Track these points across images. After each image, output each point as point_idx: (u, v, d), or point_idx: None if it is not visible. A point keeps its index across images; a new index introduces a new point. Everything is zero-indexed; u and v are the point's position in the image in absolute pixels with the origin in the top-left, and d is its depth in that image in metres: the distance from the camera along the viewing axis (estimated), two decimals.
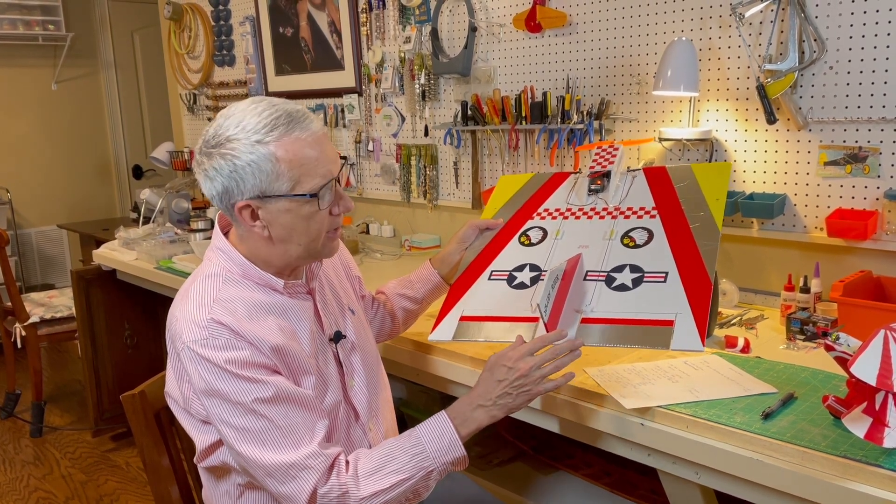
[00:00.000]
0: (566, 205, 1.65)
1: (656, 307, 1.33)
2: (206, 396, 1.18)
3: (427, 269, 1.65)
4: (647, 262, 1.43)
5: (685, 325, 1.28)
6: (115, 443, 3.34)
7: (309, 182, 1.20)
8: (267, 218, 1.21)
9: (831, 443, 1.13)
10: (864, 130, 1.72)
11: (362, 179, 3.14)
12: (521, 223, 1.66)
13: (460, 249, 1.63)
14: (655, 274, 1.39)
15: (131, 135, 5.70)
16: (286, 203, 1.20)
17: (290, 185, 1.19)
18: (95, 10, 5.47)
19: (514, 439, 2.23)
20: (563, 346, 1.26)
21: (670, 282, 1.37)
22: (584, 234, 1.55)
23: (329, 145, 1.24)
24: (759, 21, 1.85)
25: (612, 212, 1.57)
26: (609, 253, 1.48)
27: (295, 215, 1.21)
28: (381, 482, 1.18)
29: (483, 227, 1.66)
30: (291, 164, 1.18)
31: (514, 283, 1.52)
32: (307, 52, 3.26)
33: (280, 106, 1.21)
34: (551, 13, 2.28)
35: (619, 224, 1.53)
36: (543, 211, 1.66)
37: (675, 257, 1.41)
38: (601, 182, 1.62)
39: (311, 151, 1.20)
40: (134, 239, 3.05)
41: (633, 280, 1.40)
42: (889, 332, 1.06)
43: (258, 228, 1.23)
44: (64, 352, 4.64)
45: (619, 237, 1.50)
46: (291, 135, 1.18)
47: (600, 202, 1.61)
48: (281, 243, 1.24)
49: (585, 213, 1.60)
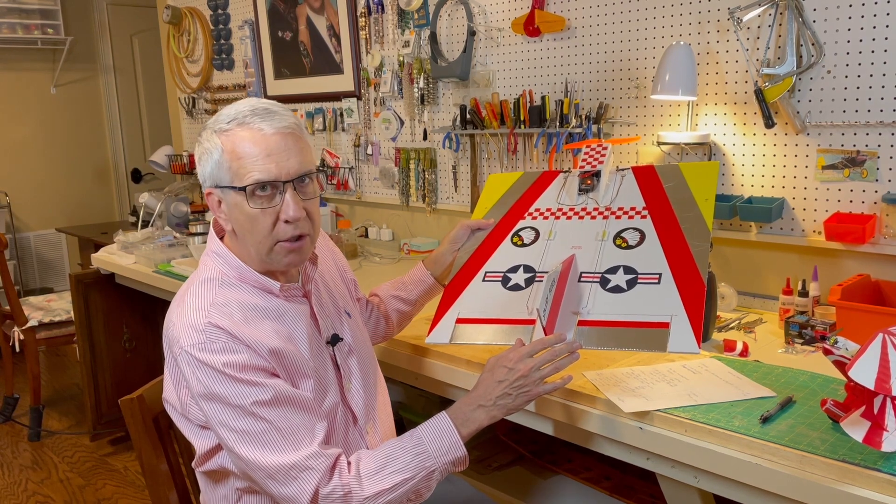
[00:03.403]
0: (557, 204, 1.65)
1: (651, 309, 1.34)
2: (204, 400, 1.18)
3: (420, 271, 1.65)
4: (641, 263, 1.44)
5: (681, 328, 1.30)
6: (113, 447, 3.33)
7: (245, 177, 1.20)
8: (226, 210, 1.24)
9: (830, 446, 1.13)
10: (862, 134, 1.73)
11: (361, 183, 3.14)
12: (512, 223, 1.66)
13: (452, 250, 1.63)
14: (649, 275, 1.40)
15: (130, 138, 5.70)
16: (233, 196, 1.22)
17: (229, 177, 1.21)
18: (94, 14, 5.47)
19: (513, 443, 2.22)
20: (561, 348, 1.27)
21: (664, 283, 1.38)
22: (577, 234, 1.56)
23: (288, 148, 1.21)
24: (757, 25, 1.85)
25: (603, 212, 1.58)
26: (602, 254, 1.49)
27: (240, 211, 1.22)
28: (383, 482, 1.18)
29: (474, 228, 1.65)
30: (232, 155, 1.20)
31: (508, 285, 1.52)
32: (306, 55, 3.26)
33: (261, 103, 1.23)
34: (550, 17, 2.28)
35: (611, 224, 1.54)
36: (535, 211, 1.66)
37: (668, 258, 1.42)
38: (591, 182, 1.63)
39: (253, 147, 1.19)
40: (132, 243, 3.05)
41: (627, 282, 1.41)
42: (887, 336, 1.06)
43: (223, 220, 1.26)
44: (62, 356, 4.63)
45: (612, 238, 1.51)
46: (245, 128, 1.20)
47: (591, 202, 1.61)
48: (240, 238, 1.26)
49: (577, 213, 1.61)
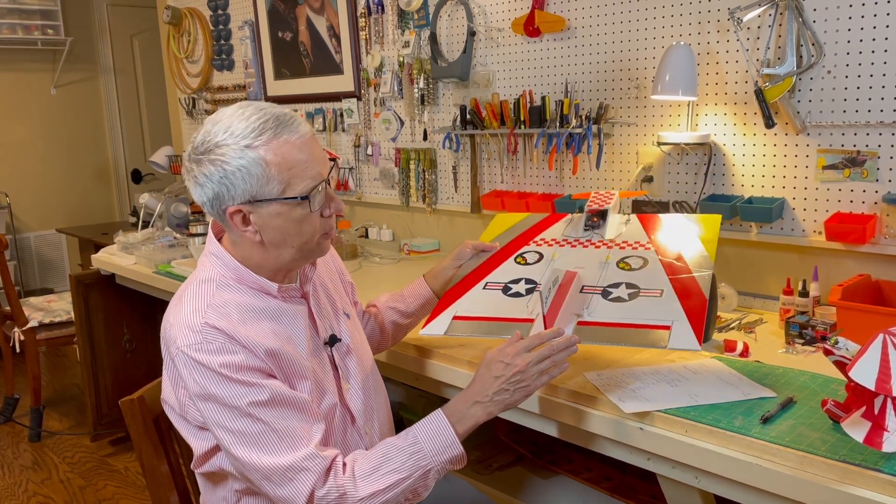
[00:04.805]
0: (563, 236, 1.68)
1: (652, 315, 1.35)
2: (201, 401, 1.18)
3: (419, 285, 1.66)
4: (643, 281, 1.45)
5: (681, 329, 1.31)
6: (113, 447, 3.33)
7: (299, 185, 1.20)
8: (259, 222, 1.21)
9: (830, 447, 1.13)
10: (863, 134, 1.73)
11: (361, 183, 3.14)
12: (517, 248, 1.68)
13: (454, 266, 1.65)
14: (651, 290, 1.41)
15: (130, 139, 5.70)
16: (277, 207, 1.20)
17: (280, 189, 1.19)
18: (94, 15, 5.47)
19: (513, 443, 2.22)
20: (559, 342, 1.27)
21: (666, 297, 1.39)
22: (580, 258, 1.58)
23: (318, 147, 1.24)
24: (758, 25, 1.85)
25: (607, 243, 1.60)
26: (605, 272, 1.50)
27: (286, 219, 1.21)
28: (379, 482, 1.18)
29: (479, 248, 1.67)
30: (281, 167, 1.18)
31: (509, 293, 1.53)
32: (306, 56, 3.26)
33: (268, 110, 1.21)
34: (550, 18, 2.28)
35: (615, 252, 1.56)
36: (540, 240, 1.69)
37: (671, 279, 1.43)
38: (597, 220, 1.65)
39: (300, 154, 1.20)
40: (133, 243, 3.05)
41: (629, 294, 1.42)
42: (888, 337, 1.06)
43: (250, 233, 1.23)
44: (63, 356, 4.63)
45: (615, 262, 1.53)
46: (280, 138, 1.18)
47: (596, 236, 1.64)
48: (273, 247, 1.24)
49: (581, 243, 1.63)
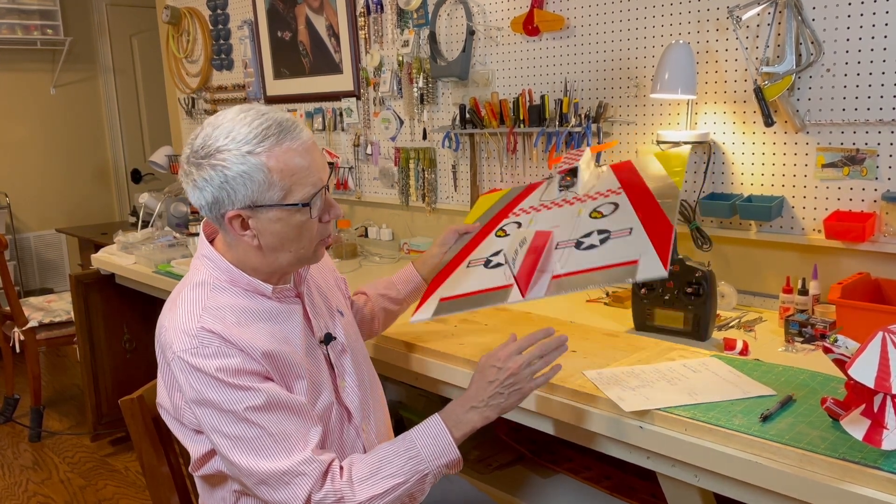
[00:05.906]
0: (540, 202, 1.71)
1: (622, 253, 1.36)
2: (197, 406, 1.18)
3: (409, 271, 1.69)
4: (614, 224, 1.47)
5: (648, 260, 1.31)
6: (113, 447, 3.33)
7: (300, 191, 1.20)
8: (257, 227, 1.21)
9: (830, 445, 1.13)
10: (862, 132, 1.73)
11: (361, 183, 3.14)
12: (497, 222, 1.72)
13: (440, 252, 1.68)
14: (621, 231, 1.43)
15: (130, 139, 5.70)
16: (277, 212, 1.20)
17: (281, 195, 1.19)
18: (94, 15, 5.47)
19: (513, 442, 2.22)
20: (549, 342, 1.28)
21: (635, 234, 1.40)
22: (555, 218, 1.60)
23: (318, 153, 1.24)
24: (757, 24, 1.85)
25: (580, 198, 1.63)
26: (578, 226, 1.52)
27: (286, 224, 1.21)
28: (376, 486, 1.18)
29: (462, 231, 1.71)
30: (283, 173, 1.18)
31: (490, 266, 1.57)
32: (305, 55, 3.26)
33: (269, 115, 1.20)
34: (549, 17, 2.28)
35: (588, 204, 1.59)
36: (519, 210, 1.73)
37: (639, 214, 1.45)
38: (570, 178, 1.69)
39: (301, 161, 1.20)
40: (132, 243, 3.05)
41: (600, 240, 1.44)
42: (887, 335, 1.06)
43: (248, 238, 1.23)
44: (62, 356, 4.63)
45: (588, 213, 1.55)
46: (283, 145, 1.18)
47: (571, 194, 1.67)
48: (271, 251, 1.24)
49: (557, 204, 1.66)
